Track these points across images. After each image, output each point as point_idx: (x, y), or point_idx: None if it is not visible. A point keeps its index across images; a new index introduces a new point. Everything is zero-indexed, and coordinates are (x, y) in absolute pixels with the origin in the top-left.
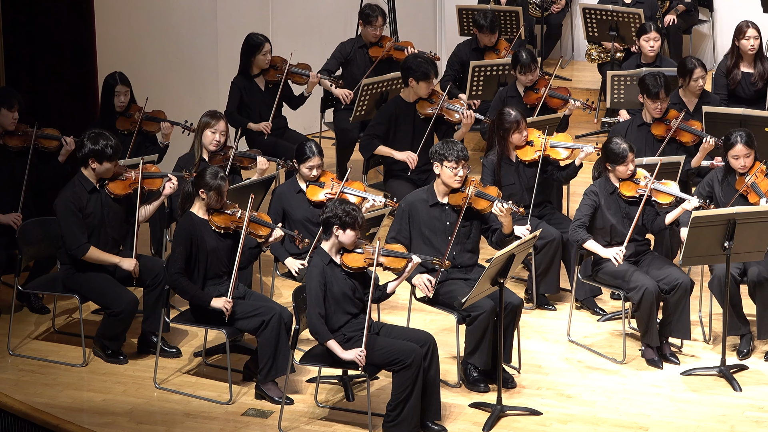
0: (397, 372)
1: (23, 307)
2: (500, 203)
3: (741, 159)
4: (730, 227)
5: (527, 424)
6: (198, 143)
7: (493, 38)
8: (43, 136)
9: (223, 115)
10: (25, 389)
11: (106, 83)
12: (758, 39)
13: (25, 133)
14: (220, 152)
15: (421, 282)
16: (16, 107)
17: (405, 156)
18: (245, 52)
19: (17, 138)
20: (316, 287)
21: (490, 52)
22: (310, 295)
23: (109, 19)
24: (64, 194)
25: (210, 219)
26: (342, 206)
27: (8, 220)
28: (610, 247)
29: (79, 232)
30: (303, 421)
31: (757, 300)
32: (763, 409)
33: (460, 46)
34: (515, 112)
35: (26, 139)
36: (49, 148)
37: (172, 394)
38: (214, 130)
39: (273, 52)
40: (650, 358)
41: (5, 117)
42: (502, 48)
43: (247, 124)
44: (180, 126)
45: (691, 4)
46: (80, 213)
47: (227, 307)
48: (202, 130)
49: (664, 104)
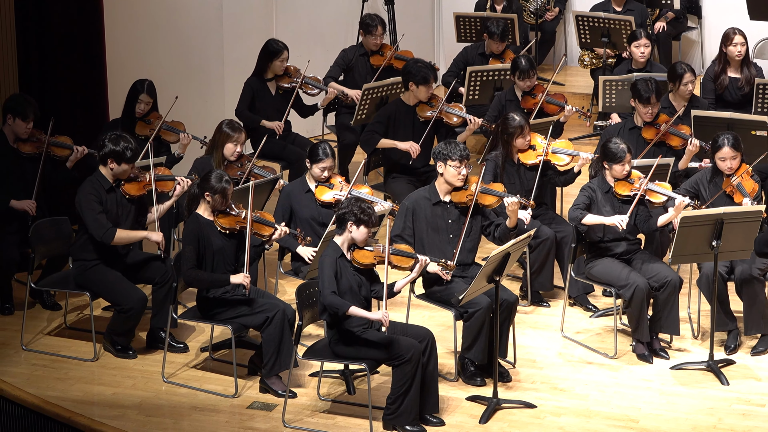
0: (397, 366)
1: (36, 303)
2: (510, 198)
3: (728, 161)
4: (718, 227)
5: (522, 417)
6: (218, 155)
7: (501, 47)
8: (55, 144)
9: (242, 127)
10: (37, 383)
11: (133, 87)
12: (745, 45)
13: (38, 140)
14: (236, 163)
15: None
16: (31, 117)
17: (407, 146)
18: (263, 56)
19: (30, 144)
20: (329, 271)
21: (495, 59)
22: (322, 277)
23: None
24: (84, 188)
25: (215, 220)
26: (358, 204)
27: (24, 206)
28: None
29: (103, 219)
30: (306, 413)
31: (744, 297)
32: (749, 402)
33: (468, 48)
34: (519, 117)
35: (39, 145)
36: (60, 156)
37: (179, 388)
38: (236, 142)
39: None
40: (641, 353)
41: (19, 126)
42: (508, 58)
43: (260, 121)
44: (198, 140)
45: (680, 12)
46: (101, 205)
47: (246, 281)
48: (223, 143)
49: (655, 109)
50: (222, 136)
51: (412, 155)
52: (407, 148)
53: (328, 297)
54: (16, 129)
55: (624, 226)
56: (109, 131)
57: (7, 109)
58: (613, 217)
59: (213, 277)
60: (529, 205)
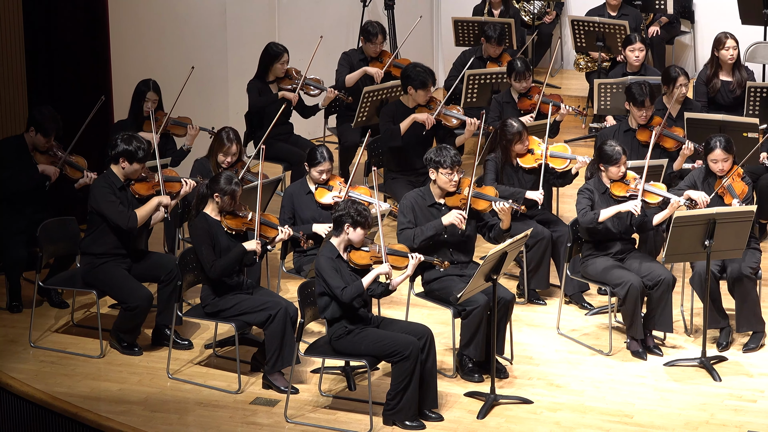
0: (397, 363)
1: (44, 301)
2: (500, 203)
3: (720, 163)
4: (711, 227)
5: (519, 412)
6: (213, 160)
7: (498, 50)
8: (70, 164)
9: (238, 138)
10: (45, 379)
11: (138, 88)
12: (736, 49)
13: (55, 155)
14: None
15: (454, 216)
16: (53, 135)
17: (424, 116)
18: (264, 59)
19: (46, 158)
20: (331, 272)
21: (493, 63)
22: (327, 281)
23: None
24: (98, 184)
25: (222, 220)
26: (354, 206)
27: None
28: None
29: (123, 208)
30: (308, 409)
31: (736, 295)
32: (741, 398)
33: (466, 52)
34: (518, 123)
35: (54, 161)
36: (71, 177)
37: (184, 384)
38: (226, 154)
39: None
40: (635, 349)
41: (39, 141)
42: (504, 62)
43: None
44: (207, 131)
45: (674, 16)
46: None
47: (258, 248)
48: (216, 152)
49: (649, 111)
50: (216, 144)
51: (426, 126)
52: (424, 119)
53: (344, 296)
54: (36, 142)
55: (639, 210)
56: (118, 131)
57: (32, 121)
58: (627, 203)
59: (231, 257)
60: (520, 209)
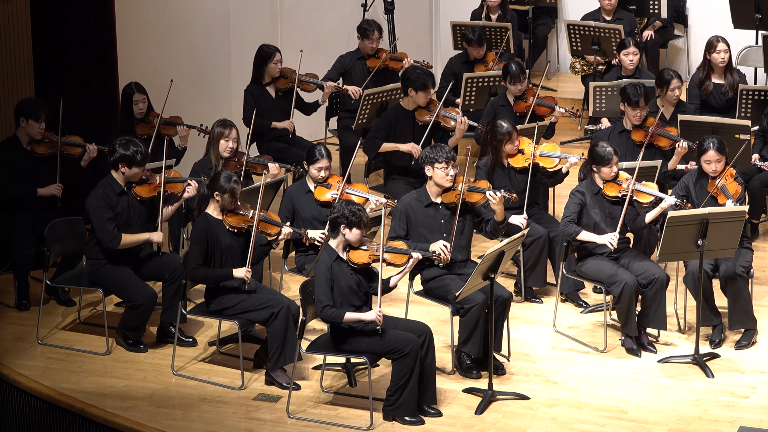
0: (396, 360)
1: (51, 300)
2: (493, 192)
3: (713, 164)
4: (704, 226)
5: (516, 408)
6: (214, 153)
7: (481, 51)
8: (67, 143)
9: (233, 124)
10: (52, 376)
11: (125, 93)
12: (728, 52)
13: (51, 140)
14: (233, 158)
15: (439, 247)
16: (43, 118)
17: (409, 147)
18: (257, 61)
19: (44, 145)
20: (324, 283)
21: (479, 64)
22: (317, 290)
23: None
24: (95, 193)
25: (224, 219)
26: (349, 207)
27: (50, 191)
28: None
29: (111, 226)
30: (309, 405)
31: (728, 293)
32: (733, 394)
33: (452, 59)
34: (507, 124)
35: (52, 145)
36: (73, 155)
37: (188, 381)
38: (228, 138)
39: (282, 63)
40: (629, 347)
41: (33, 127)
42: (490, 60)
43: (270, 124)
44: (196, 129)
45: (667, 21)
46: (111, 210)
47: (248, 276)
48: (216, 140)
49: (643, 112)
50: (215, 135)
51: (414, 155)
52: (409, 149)
53: (324, 313)
54: (29, 131)
55: (615, 244)
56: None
57: (19, 113)
58: (605, 236)
59: (216, 273)
60: (512, 198)
